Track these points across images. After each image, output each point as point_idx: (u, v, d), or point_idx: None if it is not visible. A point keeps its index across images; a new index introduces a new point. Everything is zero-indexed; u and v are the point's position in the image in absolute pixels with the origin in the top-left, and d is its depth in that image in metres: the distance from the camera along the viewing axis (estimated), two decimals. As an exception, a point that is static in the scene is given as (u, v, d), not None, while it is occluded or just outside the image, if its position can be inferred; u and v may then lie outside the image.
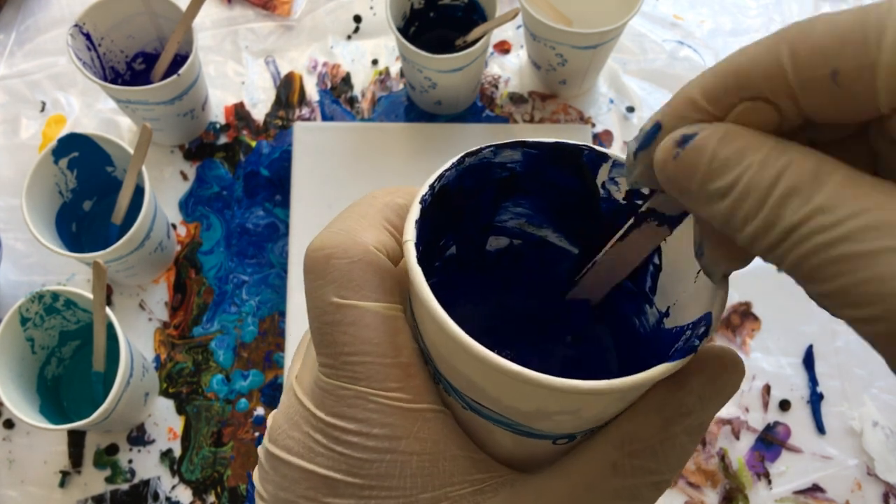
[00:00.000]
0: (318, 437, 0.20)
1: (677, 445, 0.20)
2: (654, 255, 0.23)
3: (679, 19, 0.72)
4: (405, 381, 0.20)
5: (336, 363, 0.20)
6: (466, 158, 0.22)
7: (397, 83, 0.70)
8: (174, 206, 0.65)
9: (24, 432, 0.58)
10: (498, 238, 0.26)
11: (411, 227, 0.20)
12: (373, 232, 0.21)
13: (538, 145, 0.22)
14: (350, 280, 0.20)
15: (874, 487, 0.58)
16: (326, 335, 0.20)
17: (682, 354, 0.18)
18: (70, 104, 0.68)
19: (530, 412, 0.19)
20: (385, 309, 0.20)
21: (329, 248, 0.21)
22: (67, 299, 0.52)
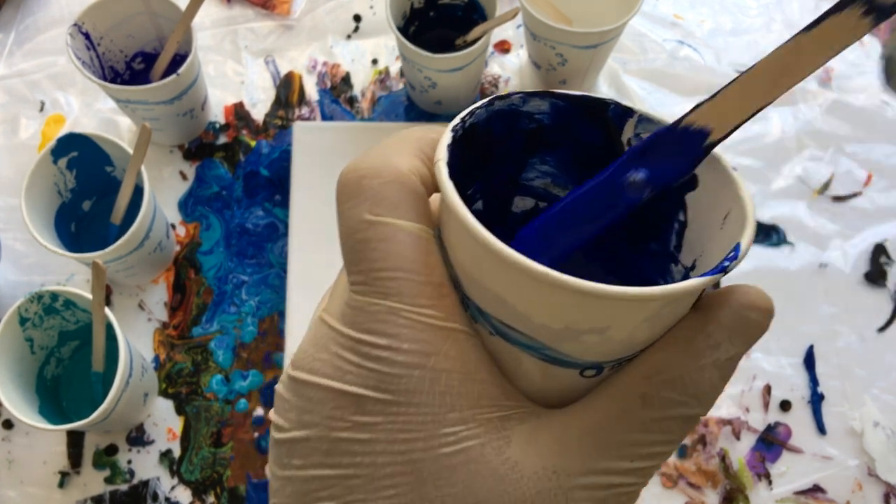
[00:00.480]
0: (346, 354, 0.20)
1: (706, 378, 0.19)
2: (679, 211, 0.23)
3: (679, 19, 0.72)
4: (436, 300, 0.20)
5: (367, 279, 0.20)
6: (496, 101, 0.22)
7: (397, 83, 0.69)
8: (173, 206, 0.65)
9: (24, 433, 0.58)
10: (524, 199, 0.26)
11: (443, 149, 0.20)
12: (406, 158, 0.21)
13: (565, 97, 0.22)
14: (383, 198, 0.20)
15: (875, 488, 0.57)
16: (359, 252, 0.20)
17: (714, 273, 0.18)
18: (69, 104, 0.68)
19: (559, 330, 0.19)
20: (418, 229, 0.20)
21: (362, 170, 0.21)
22: (67, 299, 0.52)
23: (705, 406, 0.20)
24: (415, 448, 0.19)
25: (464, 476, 0.19)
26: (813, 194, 0.66)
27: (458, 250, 0.20)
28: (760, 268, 0.63)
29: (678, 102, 0.69)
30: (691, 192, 0.22)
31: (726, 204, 0.20)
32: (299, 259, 0.61)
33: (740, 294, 0.20)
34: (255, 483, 0.57)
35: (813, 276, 0.63)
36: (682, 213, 0.23)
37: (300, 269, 0.60)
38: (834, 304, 0.62)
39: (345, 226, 0.21)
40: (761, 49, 0.71)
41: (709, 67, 0.70)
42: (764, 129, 0.68)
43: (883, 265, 0.64)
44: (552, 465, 0.19)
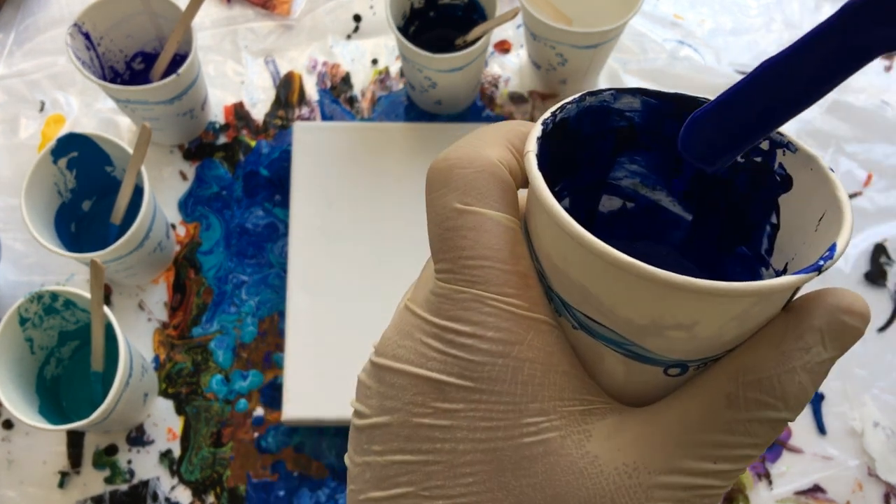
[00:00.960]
0: (430, 341, 0.20)
1: (796, 382, 0.19)
2: (772, 213, 0.22)
3: (679, 19, 0.72)
4: (522, 290, 0.20)
5: (455, 267, 0.20)
6: (587, 97, 0.22)
7: (397, 83, 0.69)
8: (173, 206, 0.65)
9: (23, 433, 0.58)
10: (611, 198, 0.26)
11: (533, 141, 0.20)
12: (496, 149, 0.21)
13: (658, 94, 0.22)
14: (473, 188, 0.21)
15: (875, 488, 0.57)
16: (447, 240, 0.21)
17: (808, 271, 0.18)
18: (69, 104, 0.68)
19: (644, 326, 0.19)
20: (505, 219, 0.21)
21: (453, 160, 0.21)
22: (67, 299, 0.52)
23: (794, 411, 0.19)
24: (495, 437, 0.19)
25: (543, 467, 0.19)
26: (813, 194, 0.66)
27: (544, 241, 0.20)
28: (760, 268, 0.64)
29: (678, 102, 0.69)
30: (785, 194, 0.22)
31: (821, 205, 0.20)
32: (299, 259, 0.61)
33: (836, 296, 0.19)
34: (254, 483, 0.57)
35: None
36: (774, 216, 0.22)
37: (300, 269, 0.60)
38: (834, 304, 0.62)
39: (434, 213, 0.21)
40: (761, 49, 0.71)
41: (709, 67, 0.70)
42: (764, 129, 0.68)
43: (883, 265, 0.64)
44: (633, 461, 0.19)
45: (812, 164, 0.20)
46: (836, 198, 0.19)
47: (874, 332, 0.62)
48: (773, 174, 0.22)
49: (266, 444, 0.58)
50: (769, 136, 0.21)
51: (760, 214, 0.23)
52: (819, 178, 0.20)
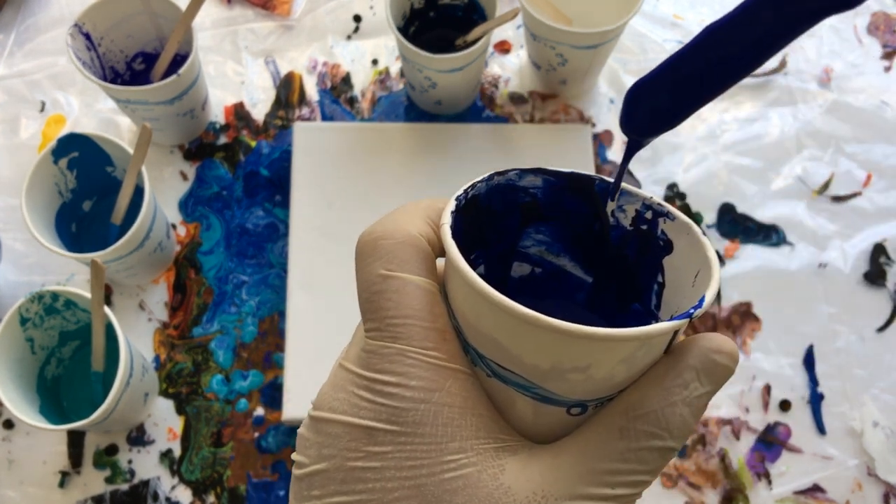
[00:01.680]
0: (361, 392, 0.22)
1: (678, 414, 0.22)
2: (658, 273, 0.26)
3: (679, 19, 0.72)
4: (440, 343, 0.23)
5: (381, 325, 0.23)
6: (495, 176, 0.25)
7: (397, 83, 0.70)
8: (174, 206, 0.65)
9: (24, 432, 0.58)
10: (521, 265, 0.29)
11: (447, 215, 0.23)
12: (416, 223, 0.24)
13: (555, 174, 0.25)
14: (395, 256, 0.23)
15: (875, 488, 0.58)
16: (374, 303, 0.23)
17: (680, 318, 0.21)
18: (70, 104, 0.68)
19: (547, 371, 0.21)
20: (425, 283, 0.23)
21: (378, 233, 0.24)
22: (67, 299, 0.52)
23: (678, 439, 0.22)
24: (420, 474, 0.21)
25: (463, 499, 0.21)
26: (812, 194, 0.66)
27: (458, 300, 0.23)
28: (760, 268, 0.64)
29: (678, 103, 0.69)
30: (668, 256, 0.25)
31: (696, 264, 0.23)
32: (299, 259, 0.61)
33: (708, 339, 0.23)
34: (255, 483, 0.57)
35: (812, 277, 0.63)
36: (660, 276, 0.26)
37: (300, 269, 0.60)
38: (833, 304, 0.62)
39: (362, 280, 0.24)
40: (761, 49, 0.71)
41: (708, 68, 0.70)
42: (764, 129, 0.68)
43: (882, 265, 0.64)
44: (542, 490, 0.21)
45: (688, 230, 0.24)
46: (707, 257, 0.23)
47: (874, 331, 0.62)
48: (656, 240, 0.25)
49: (266, 444, 0.58)
50: (651, 206, 0.24)
51: (649, 276, 0.26)
52: (694, 241, 0.24)
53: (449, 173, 0.64)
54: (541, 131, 0.66)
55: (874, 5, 0.73)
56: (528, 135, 0.66)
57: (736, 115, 0.69)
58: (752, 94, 0.69)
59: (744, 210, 0.65)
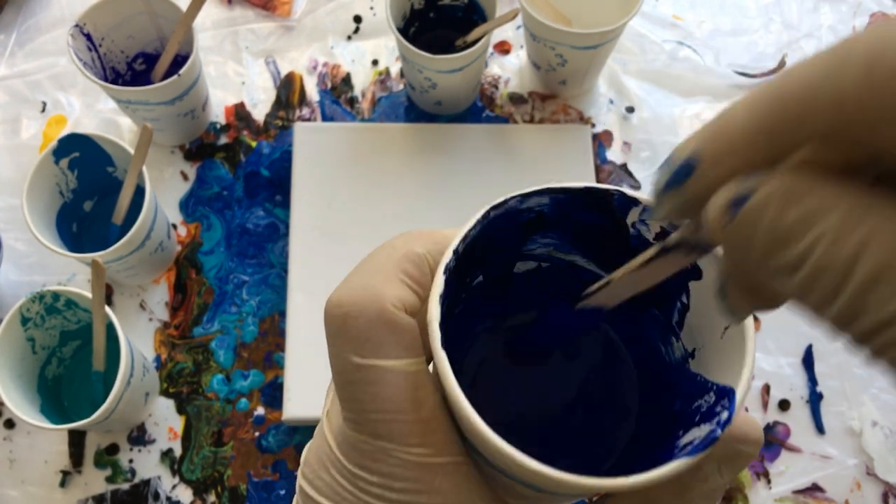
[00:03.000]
0: (344, 482, 0.21)
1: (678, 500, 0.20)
2: (682, 293, 0.23)
3: (679, 20, 0.73)
4: (426, 437, 0.20)
5: (359, 419, 0.20)
6: (491, 212, 0.22)
7: (397, 83, 0.70)
8: (174, 206, 0.65)
9: (25, 432, 0.58)
10: (526, 262, 0.27)
11: (435, 304, 0.20)
12: (391, 287, 0.21)
13: (566, 191, 0.22)
14: (368, 340, 0.20)
15: (873, 487, 0.58)
16: (349, 392, 0.21)
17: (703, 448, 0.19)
18: (71, 104, 0.68)
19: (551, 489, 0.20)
20: (405, 366, 0.20)
21: (346, 307, 0.21)
22: (68, 299, 0.52)
23: None
24: None
25: None
26: (812, 194, 0.66)
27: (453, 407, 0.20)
28: (759, 268, 0.64)
29: (678, 103, 0.69)
30: (695, 281, 0.23)
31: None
32: (300, 259, 0.61)
33: (734, 427, 0.20)
34: (255, 482, 0.57)
35: (812, 276, 0.63)
36: (685, 296, 0.23)
37: (301, 270, 0.61)
38: (833, 303, 0.62)
39: (334, 363, 0.21)
40: (760, 50, 0.71)
41: (708, 68, 0.70)
42: (763, 129, 0.68)
43: (881, 265, 0.64)
44: None
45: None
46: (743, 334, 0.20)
47: (873, 331, 0.62)
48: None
49: (267, 444, 0.58)
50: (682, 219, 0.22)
51: (673, 290, 0.24)
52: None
53: (449, 173, 0.64)
54: (541, 131, 0.66)
55: (873, 6, 0.73)
56: (527, 135, 0.66)
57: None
58: (752, 94, 0.69)
59: (743, 210, 0.65)
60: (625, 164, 0.67)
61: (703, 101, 0.69)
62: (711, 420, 0.20)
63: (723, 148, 0.14)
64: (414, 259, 0.22)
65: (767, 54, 0.71)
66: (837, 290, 0.13)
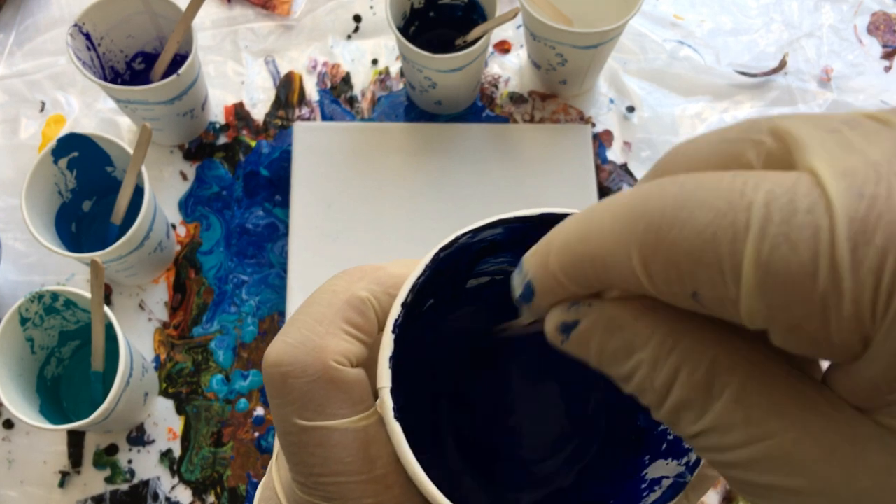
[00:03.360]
0: None
1: None
2: None
3: (679, 19, 0.72)
4: (381, 496, 0.19)
5: (308, 482, 0.20)
6: (441, 253, 0.21)
7: (397, 83, 0.70)
8: (174, 206, 0.65)
9: (24, 432, 0.58)
10: (479, 279, 0.26)
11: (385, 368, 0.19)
12: (332, 340, 0.20)
13: (522, 219, 0.21)
14: (310, 401, 0.19)
15: (875, 488, 0.57)
16: (294, 455, 0.20)
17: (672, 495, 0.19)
18: (70, 104, 0.68)
19: None
20: (354, 423, 0.19)
21: (285, 366, 0.19)
22: (67, 299, 0.52)
23: None
24: None
25: None
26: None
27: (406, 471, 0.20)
28: (760, 268, 0.64)
29: (678, 103, 0.69)
30: None
31: None
32: (299, 259, 0.61)
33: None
34: (255, 483, 0.57)
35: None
36: None
37: (300, 269, 0.60)
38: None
39: (277, 423, 0.20)
40: (761, 49, 0.71)
41: (709, 67, 0.70)
42: (764, 129, 0.68)
43: (883, 265, 0.64)
44: None
45: None
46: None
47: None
48: None
49: (266, 444, 0.58)
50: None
51: None
52: None
53: (449, 173, 0.64)
54: (541, 131, 0.66)
55: (874, 5, 0.73)
56: (528, 135, 0.66)
57: (735, 115, 0.69)
58: (752, 94, 0.69)
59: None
60: (625, 164, 0.67)
61: (704, 100, 0.69)
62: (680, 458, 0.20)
63: (548, 284, 0.16)
64: (357, 305, 0.20)
65: (768, 54, 0.71)
66: (658, 405, 0.15)
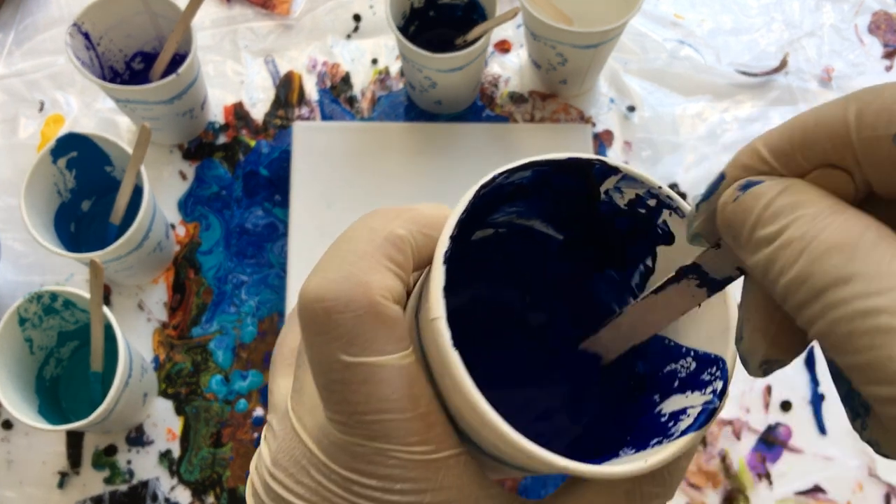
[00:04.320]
0: (334, 488, 0.19)
1: (680, 468, 0.21)
2: (647, 256, 0.24)
3: (680, 18, 0.72)
4: (426, 433, 0.19)
5: (350, 421, 0.19)
6: (481, 191, 0.21)
7: (397, 82, 0.69)
8: (173, 206, 0.65)
9: (23, 433, 0.58)
10: (484, 230, 0.26)
11: (439, 299, 0.19)
12: (376, 276, 0.19)
13: (549, 163, 0.22)
14: (357, 336, 0.19)
15: (875, 488, 0.57)
16: (336, 393, 0.19)
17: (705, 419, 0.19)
18: (69, 104, 0.68)
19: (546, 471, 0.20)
20: (398, 359, 0.19)
21: (329, 301, 0.19)
22: (66, 299, 0.52)
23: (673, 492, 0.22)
24: None
25: None
26: (813, 194, 0.66)
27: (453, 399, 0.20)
28: (761, 268, 0.63)
29: (679, 102, 0.69)
30: (664, 246, 0.23)
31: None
32: (299, 259, 0.61)
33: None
34: (254, 483, 0.57)
35: (813, 276, 0.63)
36: (650, 260, 0.24)
37: (300, 270, 0.60)
38: (834, 304, 0.62)
39: (317, 362, 0.19)
40: (761, 49, 0.71)
41: (709, 67, 0.70)
42: (764, 129, 0.68)
43: (883, 265, 0.64)
44: None
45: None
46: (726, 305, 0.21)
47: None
48: (655, 227, 0.23)
49: (266, 445, 0.58)
50: (658, 195, 0.23)
51: (636, 253, 0.25)
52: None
53: (449, 173, 0.64)
54: (541, 131, 0.66)
55: (875, 5, 0.73)
56: (528, 134, 0.66)
57: (736, 114, 0.69)
58: (753, 93, 0.69)
59: (744, 210, 0.65)
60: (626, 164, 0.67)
61: (705, 100, 0.69)
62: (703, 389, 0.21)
63: (745, 162, 0.17)
64: (396, 242, 0.20)
65: (769, 53, 0.71)
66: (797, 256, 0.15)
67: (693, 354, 0.22)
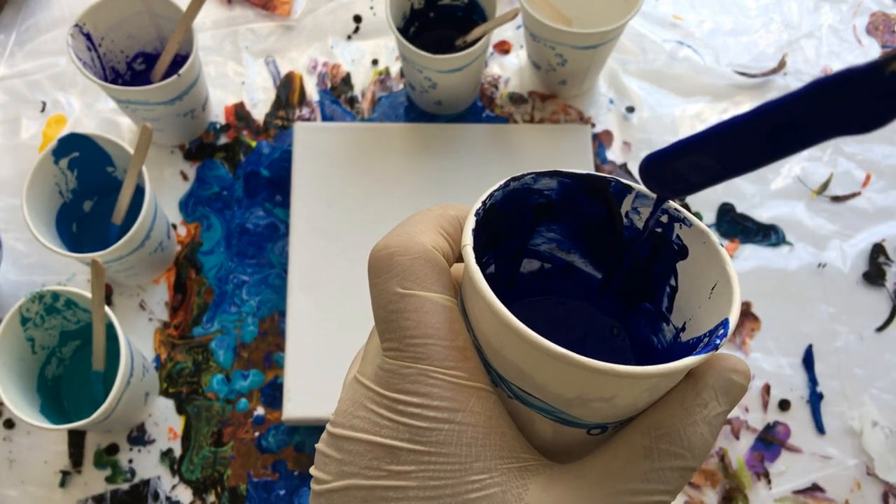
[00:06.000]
0: (382, 412, 0.22)
1: (698, 433, 0.22)
2: (670, 277, 0.26)
3: (679, 19, 0.73)
4: (462, 362, 0.22)
5: (401, 346, 0.23)
6: (511, 182, 0.24)
7: (397, 83, 0.70)
8: (174, 206, 0.65)
9: (25, 432, 0.58)
10: (531, 261, 0.29)
11: (469, 234, 0.23)
12: (430, 235, 0.24)
13: (571, 175, 0.25)
14: (411, 273, 0.23)
15: (874, 487, 0.58)
16: (391, 322, 0.23)
17: (707, 350, 0.21)
18: (70, 104, 0.68)
19: (571, 399, 0.21)
20: (443, 299, 0.23)
21: (392, 248, 0.23)
22: (68, 299, 0.52)
23: (698, 458, 0.22)
24: (444, 493, 0.21)
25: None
26: (812, 194, 0.66)
27: (482, 325, 0.23)
28: (759, 268, 0.64)
29: (678, 103, 0.69)
30: (682, 261, 0.25)
31: (714, 276, 0.23)
32: (300, 259, 0.61)
33: (724, 359, 0.23)
34: (255, 482, 0.57)
35: (812, 276, 0.63)
36: (673, 279, 0.26)
37: (301, 269, 0.61)
38: (832, 303, 0.62)
39: (378, 298, 0.24)
40: (760, 49, 0.71)
41: (708, 68, 0.70)
42: (763, 129, 0.68)
43: (881, 265, 0.64)
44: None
45: (705, 238, 0.24)
46: (726, 272, 0.23)
47: (873, 331, 0.62)
48: (671, 244, 0.25)
49: (267, 444, 0.58)
50: (668, 210, 0.24)
51: (661, 277, 0.26)
52: (711, 251, 0.23)
53: (449, 173, 0.64)
54: (541, 131, 0.66)
55: (873, 6, 0.73)
56: (527, 135, 0.66)
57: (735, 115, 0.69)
58: (752, 94, 0.70)
59: (743, 210, 0.66)
60: (625, 164, 0.67)
61: (704, 100, 0.69)
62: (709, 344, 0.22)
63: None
64: (448, 218, 0.25)
65: (767, 54, 0.71)
66: None
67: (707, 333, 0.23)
